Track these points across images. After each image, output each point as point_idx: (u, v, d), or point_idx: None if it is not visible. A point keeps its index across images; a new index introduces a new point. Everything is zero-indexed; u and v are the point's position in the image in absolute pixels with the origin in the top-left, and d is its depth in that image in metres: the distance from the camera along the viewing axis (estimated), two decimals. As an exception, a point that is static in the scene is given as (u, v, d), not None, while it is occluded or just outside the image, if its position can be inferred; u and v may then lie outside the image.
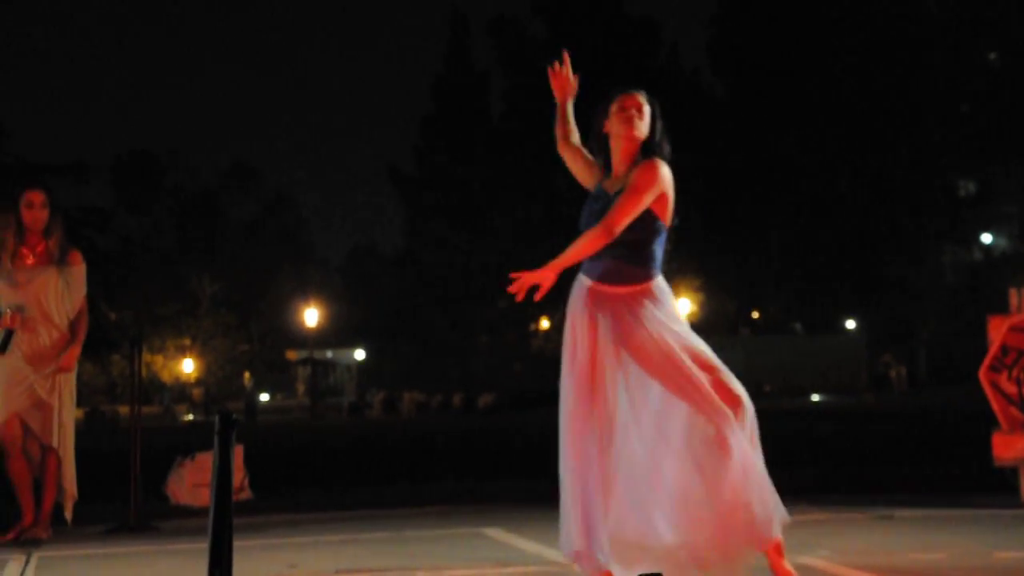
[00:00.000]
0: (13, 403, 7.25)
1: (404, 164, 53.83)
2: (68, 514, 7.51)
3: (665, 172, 4.99)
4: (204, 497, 9.09)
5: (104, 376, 60.16)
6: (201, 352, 59.62)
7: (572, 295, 5.08)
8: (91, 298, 7.87)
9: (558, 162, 5.92)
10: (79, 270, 7.50)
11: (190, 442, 12.75)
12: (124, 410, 47.89)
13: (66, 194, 47.89)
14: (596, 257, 4.99)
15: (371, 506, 8.75)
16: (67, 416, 7.39)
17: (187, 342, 58.31)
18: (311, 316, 51.27)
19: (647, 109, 5.15)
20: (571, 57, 5.55)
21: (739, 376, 5.38)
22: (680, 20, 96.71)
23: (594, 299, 4.99)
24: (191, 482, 9.23)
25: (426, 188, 51.82)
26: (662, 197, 4.96)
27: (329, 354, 67.76)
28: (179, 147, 60.36)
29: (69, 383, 7.44)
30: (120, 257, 47.87)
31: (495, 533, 6.87)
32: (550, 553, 5.99)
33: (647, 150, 5.07)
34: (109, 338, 47.79)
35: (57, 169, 44.41)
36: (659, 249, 5.06)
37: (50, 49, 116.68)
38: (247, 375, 63.54)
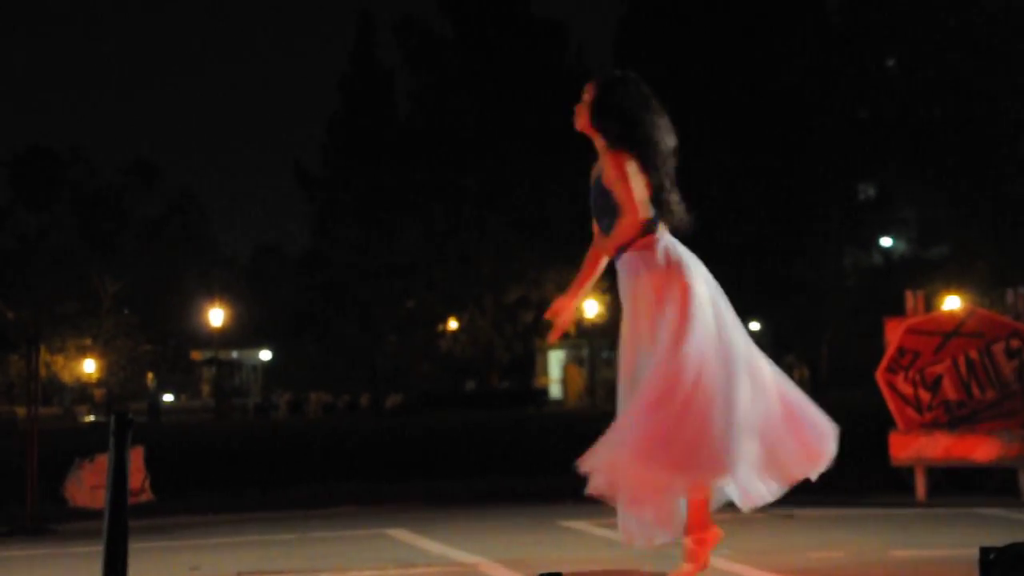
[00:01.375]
0: None
1: (310, 163, 53.51)
2: None
3: (620, 158, 5.13)
4: (102, 499, 8.95)
5: (2, 376, 58.95)
6: (103, 352, 58.66)
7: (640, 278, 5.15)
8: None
9: (463, 162, 5.98)
10: None
11: (90, 444, 12.54)
12: (22, 411, 47.00)
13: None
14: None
15: (276, 508, 8.70)
16: None
17: (88, 342, 57.35)
18: (216, 316, 50.69)
19: (591, 97, 5.31)
20: (479, 56, 5.66)
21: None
22: (587, 21, 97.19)
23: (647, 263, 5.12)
24: (90, 484, 9.09)
25: (332, 187, 51.51)
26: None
27: (234, 354, 67.03)
28: (81, 144, 59.43)
29: None
30: (18, 255, 47.02)
31: (400, 534, 6.86)
32: (455, 554, 5.99)
33: (605, 138, 5.23)
34: (7, 337, 46.85)
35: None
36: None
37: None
38: (150, 376, 62.57)
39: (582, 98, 5.32)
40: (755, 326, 54.66)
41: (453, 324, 52.20)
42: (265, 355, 69.03)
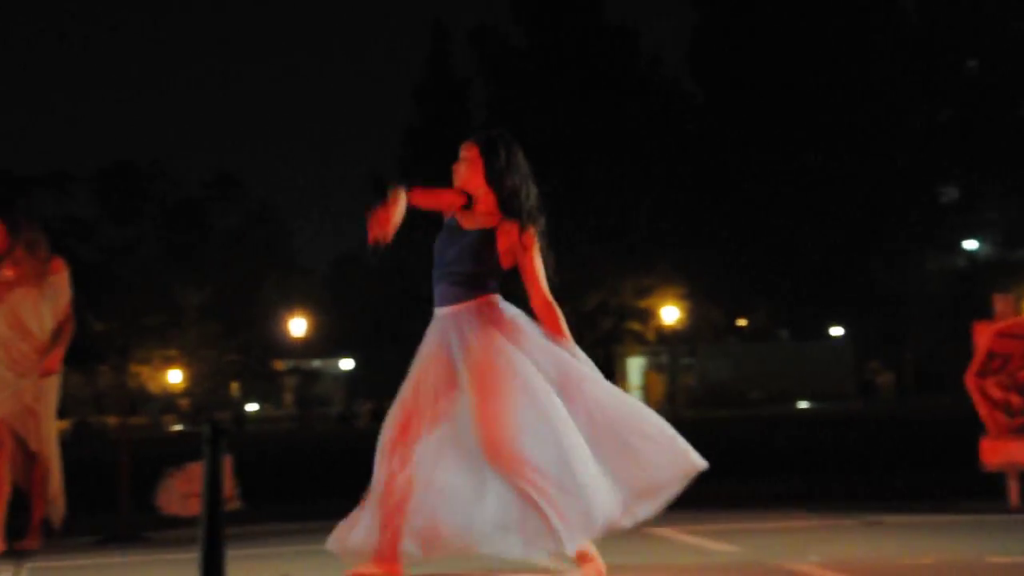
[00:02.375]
0: (7, 403, 7.24)
1: (387, 172, 53.89)
2: (56, 522, 7.45)
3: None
4: (194, 507, 9.05)
5: (90, 387, 59.90)
6: (188, 363, 59.43)
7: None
8: (77, 309, 7.88)
9: (538, 170, 6.04)
10: (59, 278, 7.54)
11: (178, 452, 12.70)
12: (111, 421, 47.75)
13: (49, 205, 47.79)
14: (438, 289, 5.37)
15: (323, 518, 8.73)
16: (50, 424, 7.39)
17: (173, 353, 58.13)
18: (297, 326, 51.17)
19: (479, 156, 5.52)
20: (553, 65, 5.82)
21: (726, 384, 5.51)
22: (661, 29, 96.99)
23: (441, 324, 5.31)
24: (181, 492, 9.19)
25: (409, 198, 51.89)
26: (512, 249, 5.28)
27: (316, 364, 67.58)
28: (163, 158, 60.30)
29: (53, 389, 7.44)
30: (104, 268, 47.77)
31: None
32: (538, 563, 5.99)
33: (505, 206, 5.42)
34: (95, 349, 47.62)
35: (40, 180, 44.33)
36: (494, 283, 5.35)
37: (34, 60, 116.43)
38: (234, 385, 63.31)
39: (463, 152, 5.56)
40: (838, 332, 54.14)
41: (529, 332, 52.17)
42: (347, 364, 69.52)
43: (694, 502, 8.75)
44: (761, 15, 48.17)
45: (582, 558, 5.14)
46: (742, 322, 54.85)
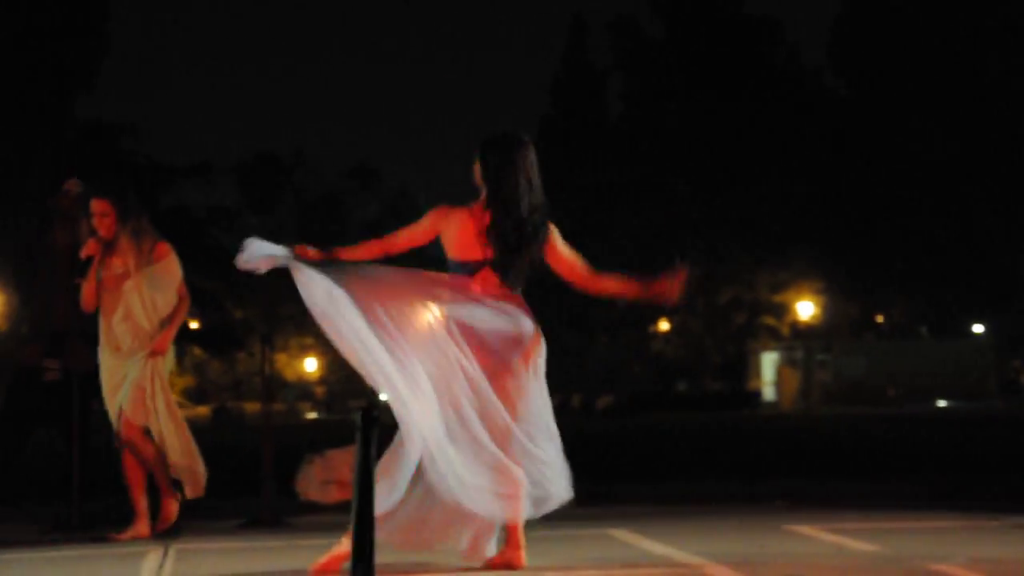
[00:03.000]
0: (121, 392, 7.24)
1: (524, 165, 54.08)
2: (196, 492, 7.49)
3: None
4: (333, 494, 9.18)
5: (230, 374, 61.17)
6: (323, 351, 60.34)
7: None
8: (217, 297, 8.00)
9: (674, 162, 6.15)
10: (166, 264, 7.39)
11: (315, 439, 12.91)
12: (249, 407, 48.70)
13: (193, 194, 48.92)
14: None
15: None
16: (162, 402, 7.28)
17: (309, 341, 59.06)
18: (432, 316, 51.44)
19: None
20: (691, 57, 5.95)
21: (862, 381, 5.46)
22: (801, 19, 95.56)
23: None
24: (321, 479, 9.33)
25: (546, 189, 51.97)
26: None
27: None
28: (304, 149, 61.10)
29: (162, 369, 7.32)
30: (244, 257, 48.64)
31: (621, 534, 6.87)
32: (678, 555, 5.98)
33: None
34: (235, 336, 48.58)
35: (185, 170, 45.31)
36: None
37: (180, 53, 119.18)
38: (368, 374, 63.96)
39: None
40: (979, 329, 52.89)
41: (664, 325, 51.97)
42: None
43: (834, 500, 8.66)
44: (904, 4, 47.24)
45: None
46: (879, 318, 53.88)
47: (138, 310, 7.24)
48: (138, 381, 7.18)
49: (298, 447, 10.13)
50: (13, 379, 8.98)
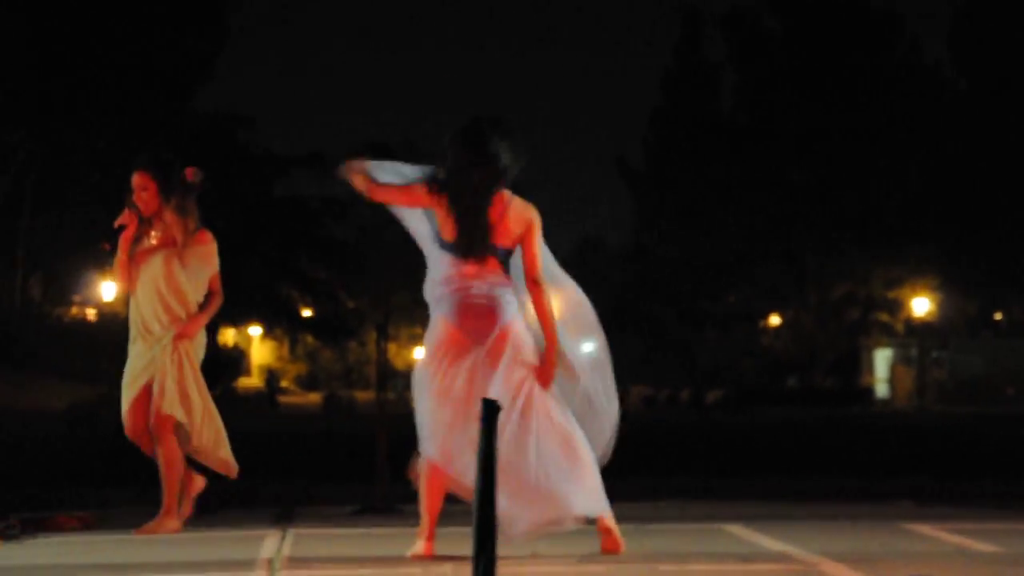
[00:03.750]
0: (141, 377, 6.91)
1: (633, 157, 53.86)
2: (232, 474, 7.20)
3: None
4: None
5: (341, 362, 61.85)
6: (430, 341, 60.58)
7: None
8: (330, 286, 8.01)
9: (787, 157, 6.16)
10: (205, 249, 7.03)
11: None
12: (360, 395, 49.21)
13: (307, 184, 49.51)
14: None
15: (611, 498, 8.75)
16: (192, 388, 6.94)
17: (419, 331, 59.38)
18: (538, 308, 51.48)
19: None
20: (808, 51, 5.98)
21: (978, 379, 5.37)
22: (920, 11, 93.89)
23: None
24: (433, 467, 9.42)
25: (655, 182, 51.66)
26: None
27: (558, 347, 67.95)
28: (416, 139, 61.50)
29: (192, 354, 6.99)
30: (357, 247, 49.20)
31: (735, 529, 6.82)
32: (794, 551, 5.92)
33: None
34: (346, 325, 49.14)
35: (300, 161, 45.89)
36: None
37: (293, 45, 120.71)
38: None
39: None
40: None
41: (775, 320, 51.45)
42: (587, 347, 69.75)
43: (954, 500, 8.52)
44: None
45: None
46: (998, 315, 52.77)
47: (172, 291, 6.92)
48: (166, 368, 6.86)
49: (409, 436, 10.25)
50: None
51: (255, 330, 58.57)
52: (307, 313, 48.60)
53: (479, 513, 3.36)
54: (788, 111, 47.43)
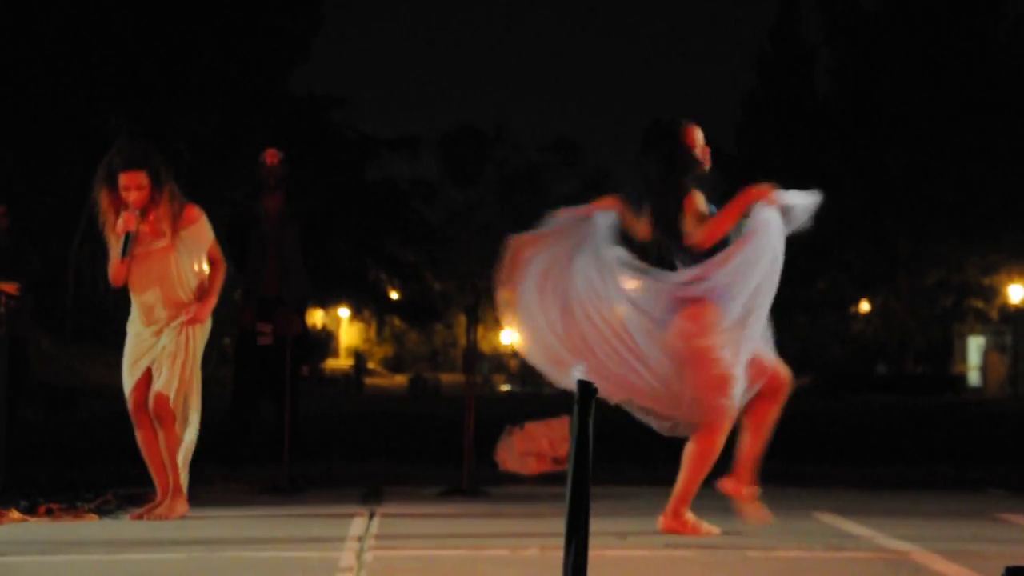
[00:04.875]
0: (143, 360, 6.77)
1: (724, 142, 53.44)
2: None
3: None
4: (531, 466, 9.27)
5: (427, 345, 62.24)
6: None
7: None
8: (418, 268, 7.99)
9: (883, 140, 6.24)
10: (196, 228, 6.80)
11: (511, 412, 12.99)
12: (445, 378, 49.50)
13: (398, 167, 49.76)
14: None
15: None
16: (191, 374, 6.78)
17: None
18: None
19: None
20: (908, 30, 6.11)
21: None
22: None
23: None
24: (520, 450, 9.42)
25: (747, 166, 51.20)
26: None
27: (643, 328, 67.65)
28: (506, 123, 61.51)
29: (198, 339, 6.82)
30: (446, 229, 49.45)
31: (826, 517, 6.77)
32: (885, 540, 5.86)
33: None
34: (433, 307, 49.43)
35: (391, 143, 46.15)
36: None
37: (385, 25, 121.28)
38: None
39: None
40: None
41: (865, 306, 50.83)
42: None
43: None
44: None
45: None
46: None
47: (173, 278, 6.74)
48: (172, 351, 6.70)
49: (495, 419, 10.29)
50: (237, 348, 9.32)
51: (344, 312, 59.09)
52: (395, 295, 48.92)
53: (572, 495, 3.36)
54: (884, 93, 46.68)
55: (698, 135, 6.19)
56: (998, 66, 45.64)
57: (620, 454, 9.53)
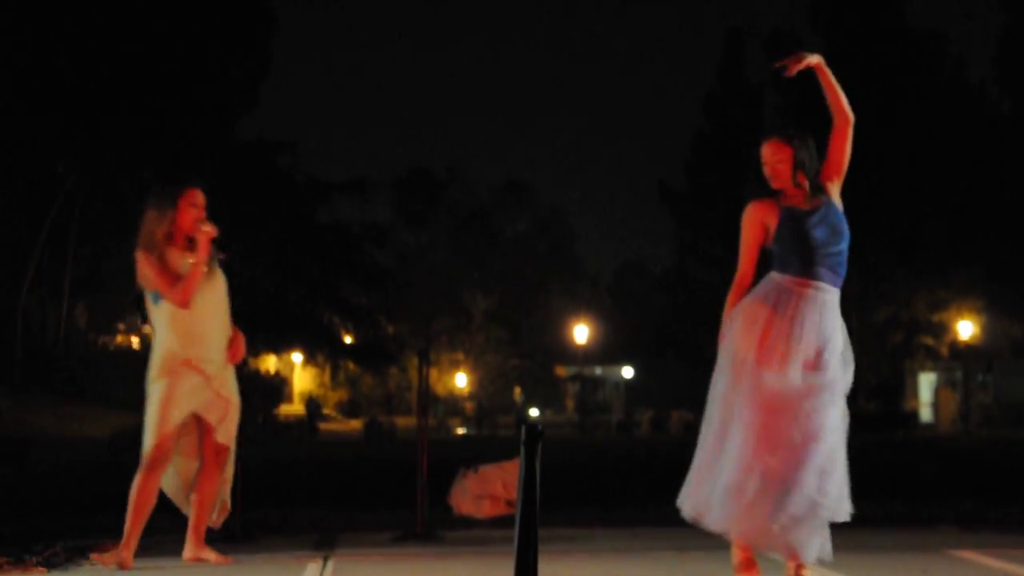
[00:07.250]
0: (190, 401, 6.39)
1: (674, 180, 53.80)
2: (216, 523, 6.81)
3: None
4: (485, 508, 9.28)
5: (381, 388, 62.02)
6: (473, 366, 60.77)
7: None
8: (371, 312, 7.95)
9: None
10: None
11: (465, 455, 13.00)
12: (400, 421, 49.30)
13: (349, 210, 49.77)
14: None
15: (655, 523, 8.70)
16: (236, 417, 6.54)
17: (460, 356, 59.54)
18: (581, 333, 51.64)
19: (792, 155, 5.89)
20: (852, 71, 6.05)
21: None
22: (965, 32, 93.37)
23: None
24: (474, 493, 9.43)
25: (697, 205, 51.57)
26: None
27: (598, 371, 68.08)
28: (456, 165, 61.78)
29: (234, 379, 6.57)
30: (398, 272, 49.39)
31: (776, 554, 6.76)
32: (834, 575, 5.87)
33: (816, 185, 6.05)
34: (386, 351, 49.27)
35: (341, 187, 46.11)
36: None
37: (337, 73, 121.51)
38: (517, 390, 64.40)
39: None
40: None
41: (816, 347, 51.12)
42: (627, 372, 69.80)
43: (999, 525, 8.41)
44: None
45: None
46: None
47: (225, 311, 6.45)
48: (224, 394, 6.44)
49: (449, 462, 10.25)
50: None
51: (297, 357, 58.85)
52: (348, 339, 48.78)
53: (520, 536, 3.36)
54: (830, 133, 47.19)
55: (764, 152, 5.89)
56: (944, 105, 46.32)
57: (572, 496, 9.52)
